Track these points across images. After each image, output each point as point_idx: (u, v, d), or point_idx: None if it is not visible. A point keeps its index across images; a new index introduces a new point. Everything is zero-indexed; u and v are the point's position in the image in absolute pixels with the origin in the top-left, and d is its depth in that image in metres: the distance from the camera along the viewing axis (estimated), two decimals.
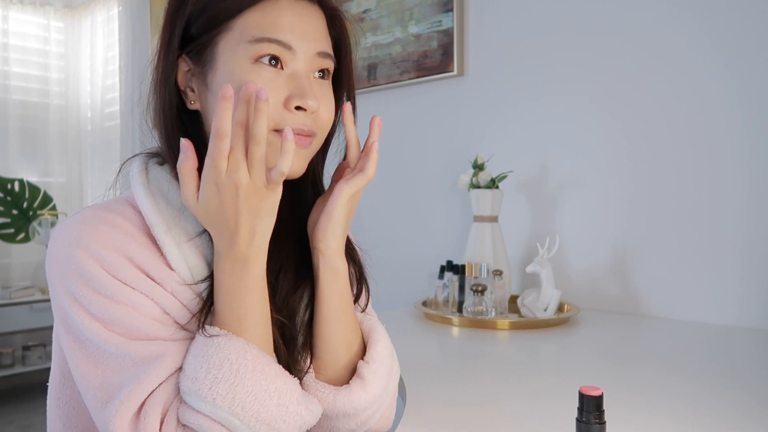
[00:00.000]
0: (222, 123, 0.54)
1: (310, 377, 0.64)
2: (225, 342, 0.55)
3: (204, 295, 0.61)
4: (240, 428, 0.53)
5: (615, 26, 1.53)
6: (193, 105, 0.64)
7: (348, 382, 0.64)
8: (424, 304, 1.54)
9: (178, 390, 0.55)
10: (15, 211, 3.42)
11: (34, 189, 3.48)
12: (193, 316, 0.60)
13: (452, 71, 1.84)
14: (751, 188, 1.33)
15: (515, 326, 1.32)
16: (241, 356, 0.55)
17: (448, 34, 1.85)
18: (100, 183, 3.73)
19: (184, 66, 0.64)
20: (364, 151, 0.66)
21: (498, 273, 1.45)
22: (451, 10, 1.84)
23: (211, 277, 0.61)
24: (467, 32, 1.84)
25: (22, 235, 3.44)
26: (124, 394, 0.53)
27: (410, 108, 1.99)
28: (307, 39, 0.62)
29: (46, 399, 0.67)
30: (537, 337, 1.25)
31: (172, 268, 0.60)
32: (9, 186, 3.40)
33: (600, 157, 1.56)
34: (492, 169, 1.60)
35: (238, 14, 0.60)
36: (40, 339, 3.44)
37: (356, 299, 0.72)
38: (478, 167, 1.57)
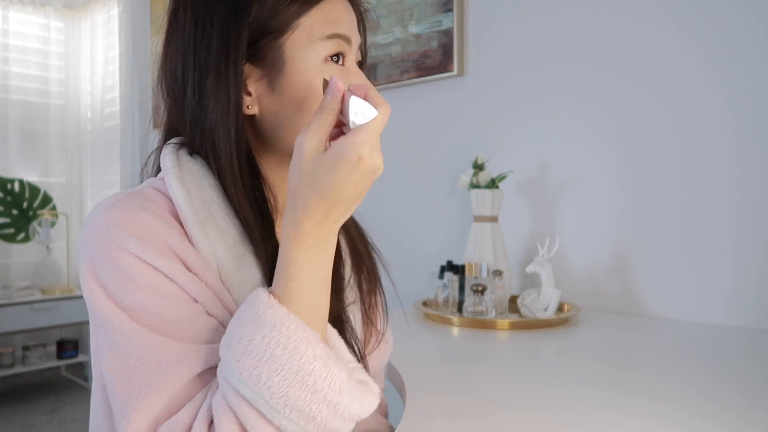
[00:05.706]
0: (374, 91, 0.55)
1: None
2: (265, 310, 0.50)
3: (234, 292, 0.59)
4: (267, 411, 0.48)
5: (616, 25, 1.53)
6: (251, 110, 0.64)
7: None
8: (424, 304, 1.54)
9: (204, 397, 0.52)
10: (15, 211, 3.43)
11: (34, 189, 3.49)
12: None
13: (452, 71, 1.84)
14: (755, 188, 1.33)
15: (515, 326, 1.31)
16: (276, 329, 0.49)
17: (448, 34, 1.85)
18: (100, 183, 3.73)
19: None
20: None
21: (498, 273, 1.45)
22: (451, 10, 1.84)
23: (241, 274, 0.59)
24: (467, 32, 1.84)
25: (22, 235, 3.44)
26: (137, 401, 0.51)
27: (410, 108, 1.99)
28: (354, 32, 0.65)
29: (45, 399, 0.67)
30: (537, 337, 1.25)
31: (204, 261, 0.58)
32: (9, 186, 3.40)
33: (600, 157, 1.56)
34: (492, 169, 1.60)
35: (305, 12, 0.62)
36: (40, 339, 3.45)
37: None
38: (478, 167, 1.57)
